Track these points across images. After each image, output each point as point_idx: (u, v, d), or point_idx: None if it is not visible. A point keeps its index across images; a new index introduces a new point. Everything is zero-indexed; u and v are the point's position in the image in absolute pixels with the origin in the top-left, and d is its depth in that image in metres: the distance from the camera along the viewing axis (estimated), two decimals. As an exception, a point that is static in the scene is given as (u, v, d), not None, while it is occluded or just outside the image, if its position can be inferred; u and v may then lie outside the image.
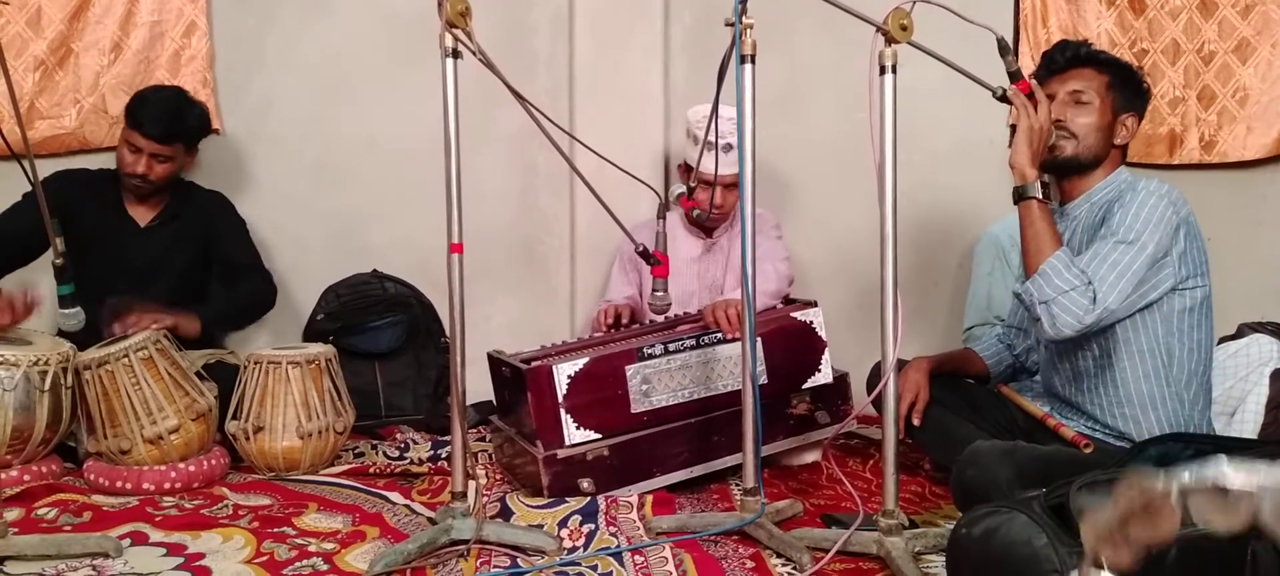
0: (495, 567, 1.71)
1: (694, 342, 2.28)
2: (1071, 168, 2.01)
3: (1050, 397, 2.15)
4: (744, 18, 1.75)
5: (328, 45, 3.18)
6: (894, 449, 1.68)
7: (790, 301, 2.60)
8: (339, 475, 2.39)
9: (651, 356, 2.23)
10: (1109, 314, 1.83)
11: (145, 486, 2.21)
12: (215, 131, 3.07)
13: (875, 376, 2.26)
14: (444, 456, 2.52)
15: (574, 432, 2.15)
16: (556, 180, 3.25)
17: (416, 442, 2.69)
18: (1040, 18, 3.17)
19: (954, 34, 1.76)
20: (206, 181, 3.06)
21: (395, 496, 2.18)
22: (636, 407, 2.21)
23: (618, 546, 1.80)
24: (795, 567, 1.70)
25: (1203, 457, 0.74)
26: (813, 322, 2.40)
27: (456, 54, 1.72)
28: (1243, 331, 2.63)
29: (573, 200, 3.21)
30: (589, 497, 2.07)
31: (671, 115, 3.23)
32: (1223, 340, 2.54)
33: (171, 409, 2.28)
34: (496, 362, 2.40)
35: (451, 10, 1.67)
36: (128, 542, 1.84)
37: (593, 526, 1.92)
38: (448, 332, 1.86)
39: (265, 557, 1.77)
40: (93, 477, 2.25)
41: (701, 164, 2.28)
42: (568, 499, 2.07)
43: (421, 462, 2.48)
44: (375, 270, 3.14)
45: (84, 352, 2.30)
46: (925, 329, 3.21)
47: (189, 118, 2.76)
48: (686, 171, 2.66)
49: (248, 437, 2.40)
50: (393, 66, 3.15)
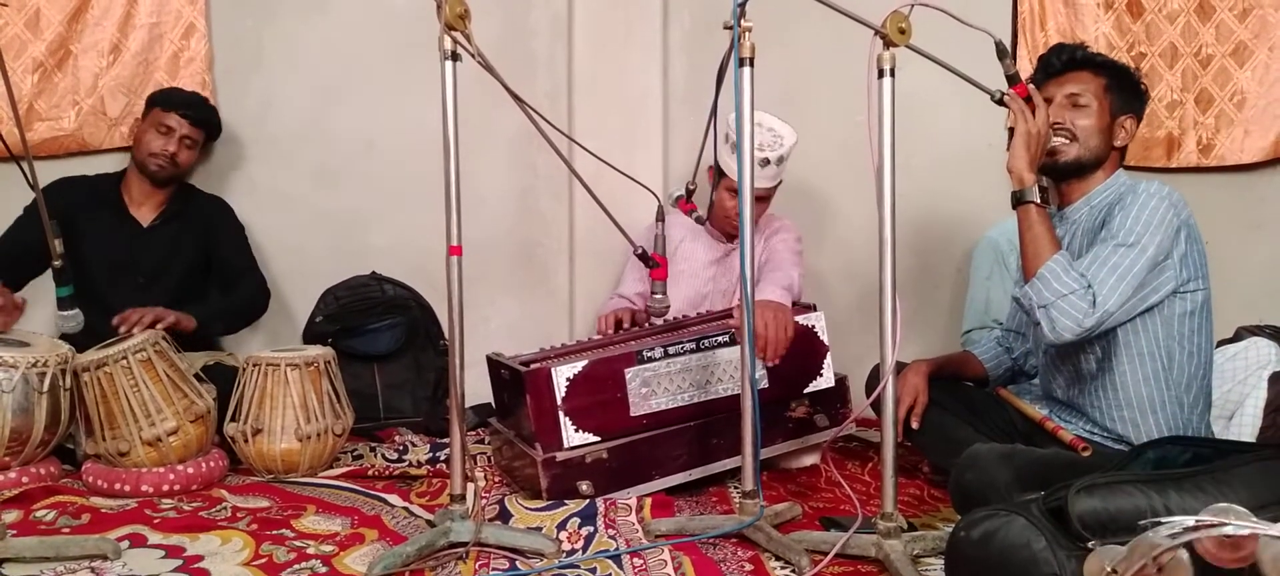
0: (494, 570, 1.71)
1: (694, 345, 2.27)
2: (1072, 171, 2.01)
3: (1049, 401, 2.15)
4: (743, 20, 1.75)
5: (327, 47, 3.18)
6: (893, 451, 1.68)
7: (793, 305, 2.59)
8: (338, 477, 2.39)
9: (651, 359, 2.23)
10: (1109, 317, 1.82)
11: (144, 488, 2.21)
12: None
13: (874, 379, 2.26)
14: (443, 459, 2.52)
15: (573, 435, 2.15)
16: (556, 183, 3.26)
17: (415, 445, 2.69)
18: (1038, 21, 3.18)
19: (952, 37, 1.77)
20: (205, 182, 3.07)
21: (394, 499, 2.18)
22: (636, 410, 2.21)
23: (616, 549, 1.80)
24: (794, 570, 1.70)
25: (1200, 462, 0.75)
26: (815, 327, 2.40)
27: (455, 56, 1.72)
28: (1241, 334, 2.63)
29: (572, 203, 3.21)
30: (588, 500, 2.07)
31: (670, 118, 3.23)
32: (1221, 343, 2.54)
33: (170, 411, 2.28)
34: (495, 365, 2.41)
35: (450, 13, 1.67)
36: (126, 545, 1.83)
37: (591, 529, 1.92)
38: (447, 335, 1.86)
39: (264, 560, 1.76)
40: (91, 480, 2.25)
41: (732, 171, 2.26)
42: (566, 501, 2.07)
43: (420, 465, 2.48)
44: (374, 272, 3.14)
45: (82, 354, 2.30)
46: (924, 332, 3.21)
47: (211, 110, 2.95)
48: (715, 175, 2.63)
49: (246, 440, 2.40)
50: (392, 68, 3.15)
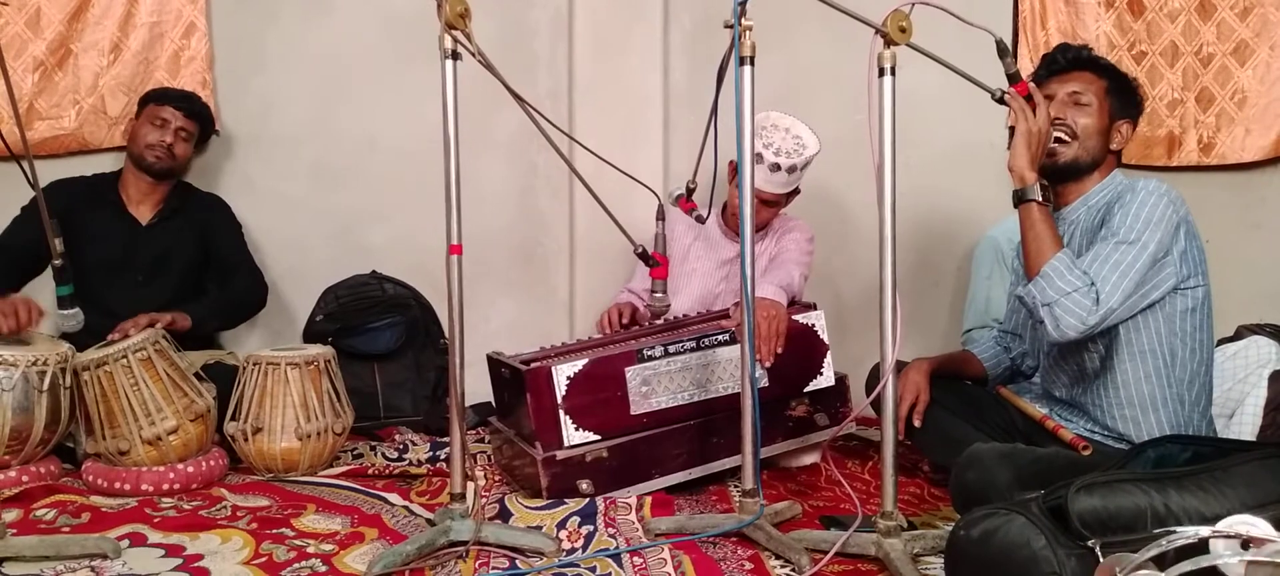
0: (494, 569, 1.71)
1: (694, 344, 2.27)
2: (1070, 172, 2.01)
3: (1049, 400, 2.15)
4: (743, 20, 1.75)
5: (327, 46, 3.18)
6: (893, 450, 1.68)
7: (792, 304, 2.60)
8: (338, 476, 2.39)
9: (651, 358, 2.23)
10: (1112, 314, 1.82)
11: (144, 487, 2.21)
12: (215, 132, 3.08)
13: (874, 378, 2.26)
14: (443, 457, 2.52)
15: (573, 434, 2.15)
16: (556, 182, 3.26)
17: (415, 444, 2.69)
18: (1039, 20, 3.17)
19: (953, 36, 1.76)
20: (205, 182, 3.07)
21: (394, 497, 2.18)
22: (636, 409, 2.21)
23: (616, 548, 1.80)
24: (794, 569, 1.70)
25: (1200, 461, 0.75)
26: (815, 326, 2.40)
27: (456, 55, 1.72)
28: (1241, 333, 2.63)
29: (572, 202, 3.22)
30: (588, 499, 2.07)
31: (671, 117, 3.23)
32: (1221, 342, 2.54)
33: (170, 410, 2.28)
34: (495, 364, 2.41)
35: (451, 12, 1.67)
36: (126, 543, 1.84)
37: (591, 528, 1.92)
38: (447, 334, 1.86)
39: (264, 559, 1.77)
40: (91, 478, 2.25)
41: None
42: (567, 500, 2.07)
43: (420, 464, 2.48)
44: (374, 271, 3.14)
45: (83, 353, 2.30)
46: (925, 330, 3.21)
47: (204, 106, 2.95)
48: (732, 171, 2.63)
49: (246, 438, 2.40)
50: (392, 67, 3.15)
